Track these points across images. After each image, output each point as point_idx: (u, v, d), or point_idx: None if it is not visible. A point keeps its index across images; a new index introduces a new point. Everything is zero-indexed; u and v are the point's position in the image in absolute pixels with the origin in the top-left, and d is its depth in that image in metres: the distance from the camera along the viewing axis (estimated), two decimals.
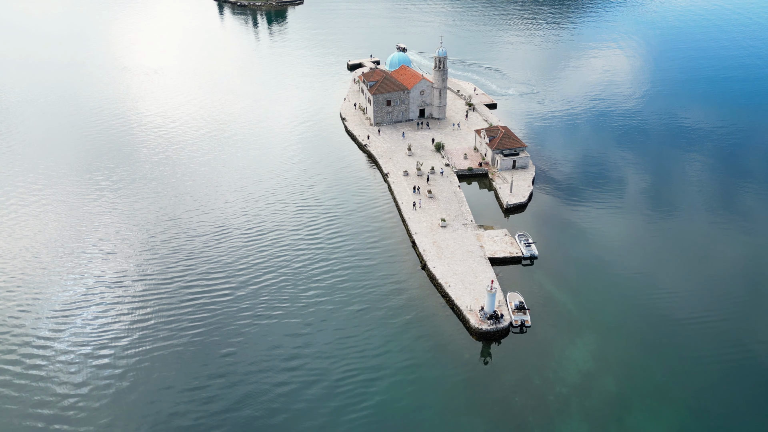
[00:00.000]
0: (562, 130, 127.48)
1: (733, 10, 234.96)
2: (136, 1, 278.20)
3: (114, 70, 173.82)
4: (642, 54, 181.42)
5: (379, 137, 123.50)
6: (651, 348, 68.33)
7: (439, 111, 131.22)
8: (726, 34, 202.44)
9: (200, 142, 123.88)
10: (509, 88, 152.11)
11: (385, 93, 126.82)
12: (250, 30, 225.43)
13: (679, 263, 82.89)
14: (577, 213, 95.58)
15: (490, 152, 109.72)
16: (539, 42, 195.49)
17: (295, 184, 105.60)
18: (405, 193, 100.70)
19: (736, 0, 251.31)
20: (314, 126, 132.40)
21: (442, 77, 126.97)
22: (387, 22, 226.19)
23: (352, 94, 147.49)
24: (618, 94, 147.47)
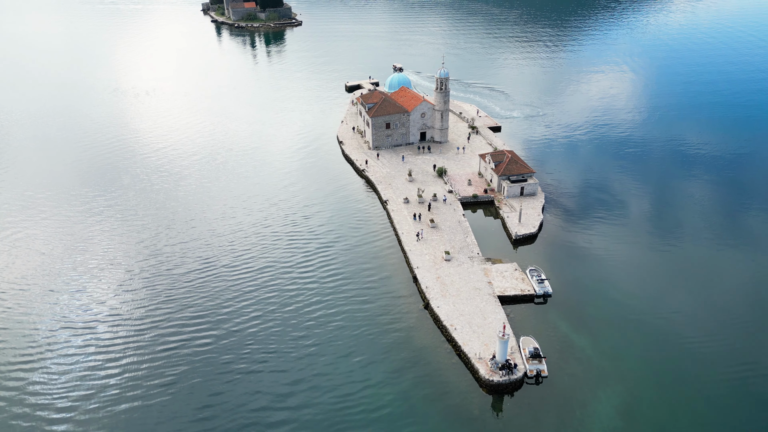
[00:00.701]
0: (570, 155, 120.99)
1: (737, 29, 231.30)
2: (134, 22, 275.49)
3: (106, 92, 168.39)
4: (646, 75, 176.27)
5: (377, 162, 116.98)
6: (685, 403, 60.40)
7: (441, 134, 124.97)
8: (732, 55, 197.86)
9: (188, 168, 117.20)
10: (513, 111, 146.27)
11: (384, 115, 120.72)
12: (247, 51, 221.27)
13: (712, 299, 75.35)
14: (590, 243, 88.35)
15: (495, 178, 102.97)
16: (543, 63, 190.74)
17: (288, 214, 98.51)
18: (405, 222, 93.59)
19: (743, 21, 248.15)
20: (310, 150, 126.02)
21: (443, 99, 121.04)
22: (386, 43, 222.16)
23: (350, 117, 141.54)
24: (624, 117, 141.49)
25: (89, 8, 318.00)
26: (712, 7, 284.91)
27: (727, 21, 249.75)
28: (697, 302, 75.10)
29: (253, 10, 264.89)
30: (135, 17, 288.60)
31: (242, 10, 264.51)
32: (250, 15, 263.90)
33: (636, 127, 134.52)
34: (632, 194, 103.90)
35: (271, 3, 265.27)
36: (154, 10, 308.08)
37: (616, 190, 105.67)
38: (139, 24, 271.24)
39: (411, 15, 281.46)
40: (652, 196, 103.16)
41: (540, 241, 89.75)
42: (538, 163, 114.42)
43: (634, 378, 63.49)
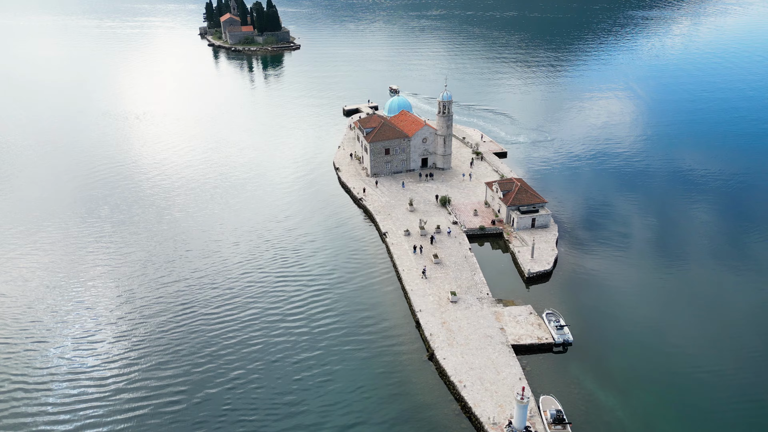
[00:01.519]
0: (581, 182, 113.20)
1: (744, 51, 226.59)
2: (130, 46, 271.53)
3: (94, 116, 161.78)
4: (651, 98, 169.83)
5: (376, 190, 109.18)
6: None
7: (444, 160, 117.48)
8: (744, 76, 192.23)
9: (172, 199, 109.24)
10: (519, 135, 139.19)
11: (383, 141, 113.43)
12: (242, 75, 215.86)
13: (755, 346, 66.49)
14: (611, 281, 79.82)
15: (504, 208, 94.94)
16: (547, 86, 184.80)
17: (278, 248, 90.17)
18: (406, 257, 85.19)
19: (750, 42, 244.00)
20: (304, 178, 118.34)
21: (446, 123, 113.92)
22: (386, 66, 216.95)
23: (347, 142, 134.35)
24: (634, 141, 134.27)
25: (86, 32, 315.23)
26: (715, 29, 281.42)
27: (733, 42, 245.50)
28: (743, 354, 66.25)
29: (250, 33, 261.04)
30: (132, 41, 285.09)
31: (239, 33, 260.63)
32: (247, 39, 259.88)
33: (647, 152, 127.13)
34: (651, 224, 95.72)
35: (269, 27, 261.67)
36: (152, 34, 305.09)
37: (634, 219, 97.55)
38: (135, 47, 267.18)
39: (410, 38, 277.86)
40: (673, 226, 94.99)
41: (555, 279, 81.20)
42: (549, 191, 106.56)
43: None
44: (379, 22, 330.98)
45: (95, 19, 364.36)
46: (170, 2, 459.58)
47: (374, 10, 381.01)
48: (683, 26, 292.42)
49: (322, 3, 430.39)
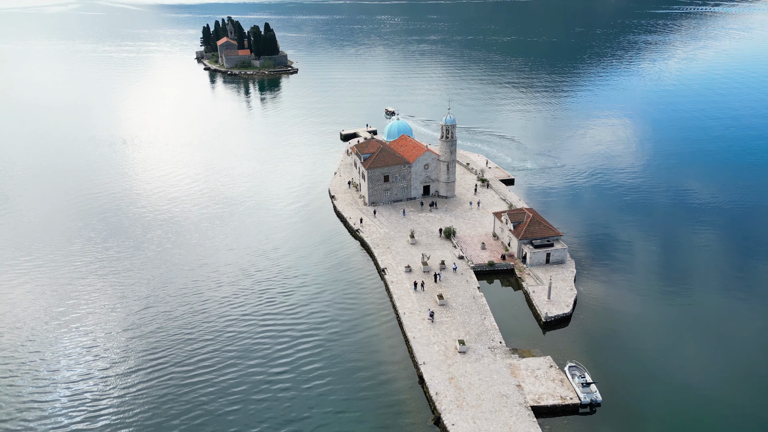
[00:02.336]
0: (597, 212, 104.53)
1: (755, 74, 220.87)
2: (125, 70, 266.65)
3: (80, 140, 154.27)
4: (664, 122, 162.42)
5: (374, 220, 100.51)
6: None
7: (448, 188, 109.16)
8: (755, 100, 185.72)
9: (151, 231, 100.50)
10: (526, 161, 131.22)
11: (381, 167, 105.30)
12: (238, 100, 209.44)
13: None
14: (640, 326, 70.46)
15: (515, 242, 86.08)
16: (553, 110, 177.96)
17: (264, 289, 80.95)
18: (407, 297, 76.00)
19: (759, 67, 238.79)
20: (297, 207, 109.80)
21: (450, 149, 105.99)
22: (385, 89, 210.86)
23: (344, 168, 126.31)
24: (650, 166, 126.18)
25: (81, 56, 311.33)
26: (723, 52, 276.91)
27: (739, 66, 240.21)
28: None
29: (247, 57, 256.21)
30: (126, 65, 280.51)
31: (236, 57, 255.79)
32: (244, 62, 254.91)
33: (662, 179, 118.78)
34: (677, 257, 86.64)
35: (266, 51, 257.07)
36: (148, 58, 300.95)
37: (658, 252, 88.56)
38: (128, 72, 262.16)
39: (410, 62, 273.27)
40: (701, 258, 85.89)
41: (576, 324, 71.82)
42: (562, 222, 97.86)
43: None
44: (378, 47, 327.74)
45: (91, 44, 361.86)
46: (170, 28, 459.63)
47: (374, 36, 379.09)
48: (688, 50, 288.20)
49: (323, 28, 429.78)
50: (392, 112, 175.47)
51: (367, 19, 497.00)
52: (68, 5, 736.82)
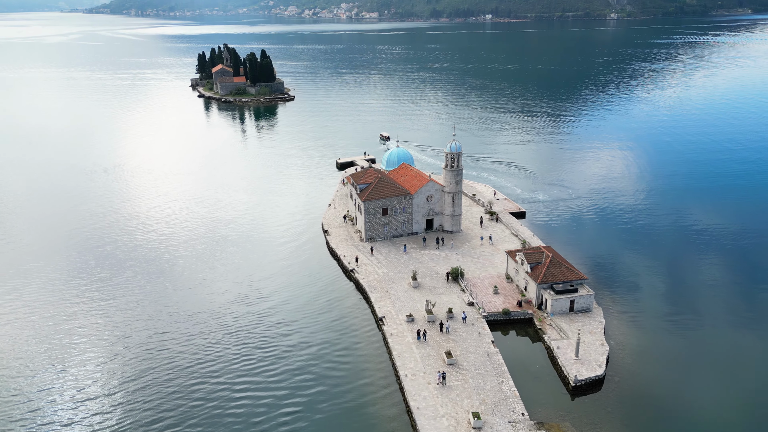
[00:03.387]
0: (621, 249, 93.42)
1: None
2: (117, 97, 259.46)
3: (59, 168, 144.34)
4: (678, 150, 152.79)
5: (371, 259, 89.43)
6: None
7: (453, 222, 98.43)
8: None
9: (122, 272, 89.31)
10: (537, 192, 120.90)
11: (380, 199, 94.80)
12: (231, 127, 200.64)
13: None
14: (687, 390, 58.71)
15: (533, 286, 74.87)
16: (561, 137, 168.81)
17: (242, 345, 69.27)
18: (409, 355, 64.39)
19: None
20: (286, 244, 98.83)
21: (455, 178, 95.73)
22: (384, 116, 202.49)
23: (339, 200, 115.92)
24: (673, 197, 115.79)
25: (74, 83, 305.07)
26: (732, 79, 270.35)
27: (748, 94, 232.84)
28: None
29: (242, 84, 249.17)
30: (120, 93, 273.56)
31: (231, 84, 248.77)
32: (239, 89, 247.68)
33: (687, 210, 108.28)
34: (717, 297, 75.31)
35: (262, 78, 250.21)
36: (142, 86, 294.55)
37: (697, 293, 77.23)
38: (121, 99, 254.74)
39: (410, 89, 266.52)
40: (747, 296, 74.52)
41: (611, 389, 60.01)
42: (583, 262, 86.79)
43: None
44: (377, 74, 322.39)
45: (85, 71, 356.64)
46: (168, 56, 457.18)
47: (373, 64, 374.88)
48: (695, 77, 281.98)
49: (321, 57, 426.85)
50: (387, 137, 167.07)
51: (366, 48, 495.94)
52: (69, 35, 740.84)
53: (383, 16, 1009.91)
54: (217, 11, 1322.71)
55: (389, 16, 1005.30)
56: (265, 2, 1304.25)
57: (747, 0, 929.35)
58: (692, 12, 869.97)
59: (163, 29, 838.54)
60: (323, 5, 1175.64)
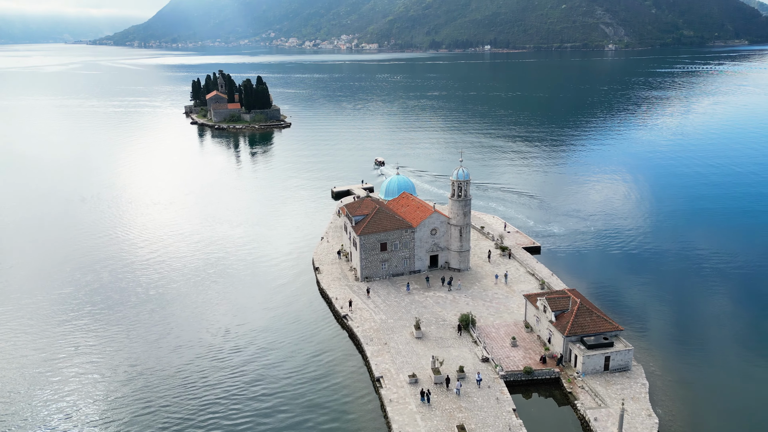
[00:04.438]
0: (661, 294, 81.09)
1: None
2: (107, 124, 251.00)
3: (33, 195, 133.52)
4: (701, 178, 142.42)
5: (368, 302, 77.66)
6: None
7: (461, 259, 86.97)
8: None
9: (80, 318, 77.46)
10: (551, 224, 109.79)
11: (378, 232, 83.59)
12: (222, 155, 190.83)
13: None
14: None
15: (559, 338, 62.96)
16: (574, 163, 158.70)
17: (202, 410, 57.01)
18: (413, 429, 52.06)
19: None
20: (271, 285, 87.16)
21: (463, 209, 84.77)
22: (383, 143, 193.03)
23: (333, 232, 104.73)
24: (707, 228, 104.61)
25: (65, 111, 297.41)
26: (743, 107, 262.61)
27: (758, 121, 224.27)
28: None
29: (237, 111, 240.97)
30: (111, 120, 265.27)
31: (225, 111, 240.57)
32: (233, 116, 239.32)
33: (726, 243, 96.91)
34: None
35: (257, 104, 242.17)
36: (134, 113, 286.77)
37: (748, 341, 65.23)
38: (112, 126, 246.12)
39: (410, 116, 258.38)
40: None
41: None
42: (618, 309, 74.97)
43: None
44: (377, 101, 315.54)
45: (77, 99, 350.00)
46: (166, 84, 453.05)
47: (373, 91, 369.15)
48: (705, 104, 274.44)
49: (320, 85, 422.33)
50: (382, 162, 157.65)
51: (365, 77, 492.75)
52: (69, 65, 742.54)
53: (383, 47, 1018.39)
54: (219, 42, 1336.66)
55: (389, 47, 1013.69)
56: (266, 34, 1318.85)
57: (743, 31, 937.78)
58: (689, 43, 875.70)
59: (164, 59, 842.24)
60: (324, 36, 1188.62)
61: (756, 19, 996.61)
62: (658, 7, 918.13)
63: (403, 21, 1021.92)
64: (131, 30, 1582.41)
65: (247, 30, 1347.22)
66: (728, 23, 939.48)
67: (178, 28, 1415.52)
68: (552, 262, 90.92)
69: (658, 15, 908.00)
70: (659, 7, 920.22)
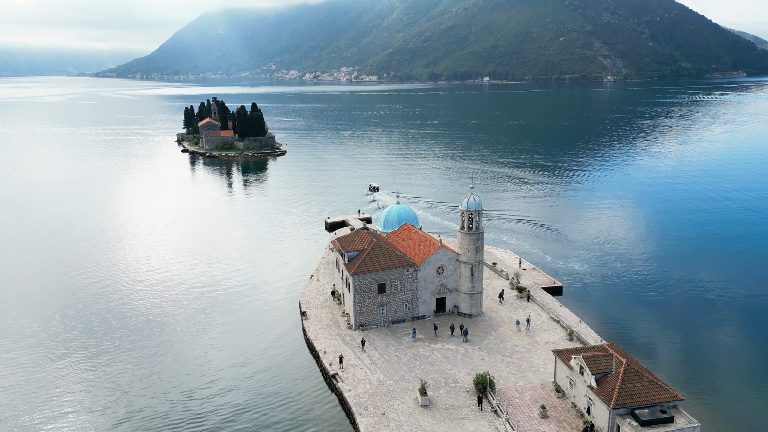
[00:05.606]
0: (725, 351, 67.99)
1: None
2: (95, 153, 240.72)
3: (24, 229, 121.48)
4: (742, 197, 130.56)
5: (362, 356, 64.47)
6: None
7: (472, 302, 74.09)
8: None
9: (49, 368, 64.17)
10: (571, 259, 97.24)
11: (375, 271, 70.99)
12: (210, 185, 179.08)
13: None
14: None
15: (603, 410, 49.60)
16: (590, 191, 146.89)
17: None
18: None
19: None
20: (248, 331, 74.06)
21: (474, 244, 72.42)
22: (382, 171, 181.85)
23: (325, 269, 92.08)
24: (755, 264, 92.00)
25: (56, 138, 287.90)
26: (756, 135, 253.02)
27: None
28: None
29: (229, 138, 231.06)
30: (99, 147, 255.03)
31: (217, 138, 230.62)
32: (225, 144, 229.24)
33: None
34: None
35: (252, 132, 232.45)
36: (125, 140, 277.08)
37: None
38: (99, 154, 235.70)
39: (411, 144, 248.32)
40: None
41: None
42: (671, 371, 61.74)
43: None
44: (376, 129, 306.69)
45: (69, 127, 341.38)
46: (162, 113, 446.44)
47: (372, 120, 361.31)
48: (716, 133, 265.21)
49: (319, 114, 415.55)
50: (376, 188, 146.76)
51: (365, 106, 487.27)
52: (67, 96, 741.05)
53: (382, 79, 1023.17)
54: (220, 74, 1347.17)
55: (388, 78, 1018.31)
56: (267, 66, 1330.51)
57: (741, 63, 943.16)
58: (688, 75, 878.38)
59: (163, 90, 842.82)
60: (324, 69, 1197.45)
61: (752, 51, 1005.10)
62: (655, 40, 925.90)
63: (402, 53, 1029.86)
64: (134, 63, 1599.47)
65: (249, 62, 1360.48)
66: (725, 56, 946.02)
67: (180, 60, 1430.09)
68: (578, 306, 77.95)
69: (655, 47, 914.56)
70: (656, 39, 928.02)
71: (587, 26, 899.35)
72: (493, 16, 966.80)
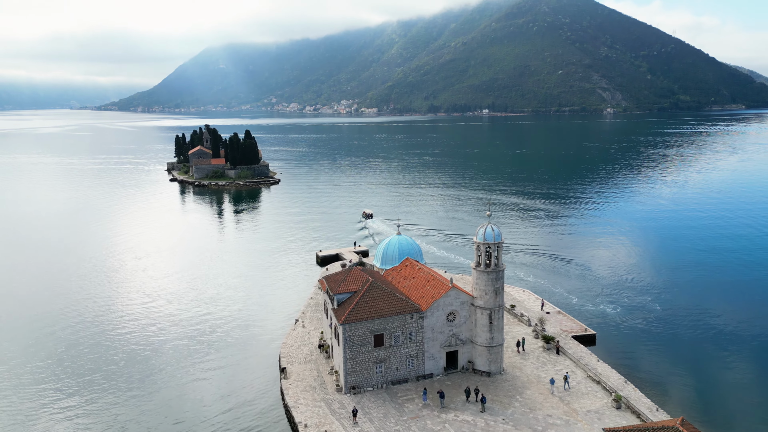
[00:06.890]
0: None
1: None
2: (81, 182, 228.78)
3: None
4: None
5: (353, 431, 49.88)
6: None
7: (491, 357, 59.84)
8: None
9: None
10: (600, 299, 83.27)
11: (370, 319, 57.04)
12: (196, 216, 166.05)
13: None
14: None
15: None
16: (611, 219, 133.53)
17: None
18: None
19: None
20: (211, 394, 59.53)
21: (494, 285, 58.78)
22: (382, 200, 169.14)
23: (312, 312, 78.06)
24: None
25: (42, 167, 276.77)
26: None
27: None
28: None
29: (220, 166, 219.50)
30: (86, 177, 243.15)
31: (207, 167, 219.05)
32: (216, 172, 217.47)
33: None
34: None
35: (244, 160, 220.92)
36: (113, 170, 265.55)
37: None
38: (83, 183, 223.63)
39: (411, 173, 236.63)
40: None
41: None
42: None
43: None
44: (376, 159, 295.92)
45: (57, 156, 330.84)
46: (156, 143, 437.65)
47: (371, 149, 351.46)
48: (730, 161, 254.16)
49: (316, 144, 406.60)
50: (370, 215, 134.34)
51: (364, 136, 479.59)
52: (64, 127, 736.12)
53: (382, 111, 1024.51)
54: (221, 107, 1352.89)
55: (388, 110, 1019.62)
56: (267, 99, 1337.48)
57: (739, 96, 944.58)
58: (687, 107, 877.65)
59: (162, 122, 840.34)
60: (324, 102, 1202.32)
61: (750, 85, 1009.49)
62: (653, 74, 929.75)
63: (401, 87, 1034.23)
64: (136, 96, 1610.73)
65: (249, 96, 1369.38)
66: (723, 89, 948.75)
67: (182, 94, 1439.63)
68: (618, 361, 63.65)
69: (653, 81, 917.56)
70: (654, 73, 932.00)
71: (585, 60, 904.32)
72: (492, 50, 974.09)
